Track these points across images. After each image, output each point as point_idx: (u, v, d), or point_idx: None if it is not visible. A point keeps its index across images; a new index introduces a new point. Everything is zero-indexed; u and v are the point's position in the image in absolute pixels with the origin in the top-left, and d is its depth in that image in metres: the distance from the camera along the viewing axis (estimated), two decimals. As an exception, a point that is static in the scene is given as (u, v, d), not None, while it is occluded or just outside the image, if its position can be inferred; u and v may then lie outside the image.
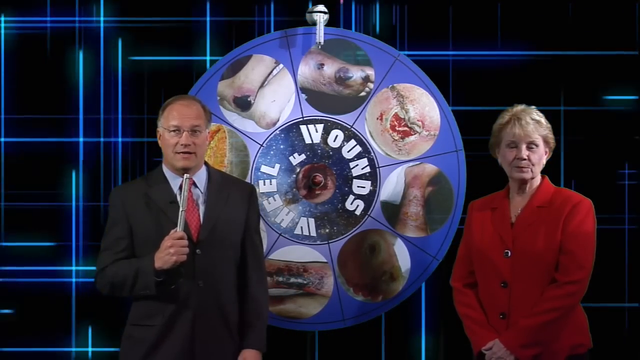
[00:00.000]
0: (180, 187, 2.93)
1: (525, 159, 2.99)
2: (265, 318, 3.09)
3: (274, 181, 3.54)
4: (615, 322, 3.81)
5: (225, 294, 2.98)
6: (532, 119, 3.01)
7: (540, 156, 3.02)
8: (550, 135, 3.05)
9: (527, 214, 3.01)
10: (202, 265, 2.92)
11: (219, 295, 2.96)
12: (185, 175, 2.90)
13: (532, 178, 3.03)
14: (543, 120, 3.04)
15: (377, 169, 3.55)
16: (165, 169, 3.02)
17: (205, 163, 3.06)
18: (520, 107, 3.07)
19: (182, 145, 2.93)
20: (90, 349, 3.79)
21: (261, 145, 3.54)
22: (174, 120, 2.95)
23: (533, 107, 3.08)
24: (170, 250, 2.82)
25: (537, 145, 3.01)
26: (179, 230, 2.84)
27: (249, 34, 3.70)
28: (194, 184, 2.98)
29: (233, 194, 3.03)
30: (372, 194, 3.55)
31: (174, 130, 2.95)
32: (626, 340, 3.82)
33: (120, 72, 3.83)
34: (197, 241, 2.92)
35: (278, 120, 3.55)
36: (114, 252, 2.94)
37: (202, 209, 2.97)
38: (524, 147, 3.00)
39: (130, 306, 2.98)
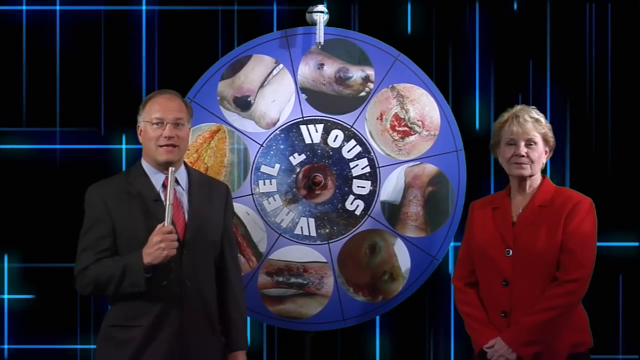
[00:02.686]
0: (164, 185, 2.92)
1: (523, 156, 3.01)
2: (246, 317, 3.13)
3: (274, 181, 3.54)
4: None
5: (209, 293, 2.97)
6: (531, 117, 3.04)
7: (540, 154, 3.04)
8: (550, 134, 3.06)
9: (528, 213, 3.02)
10: (189, 265, 2.90)
11: (204, 294, 2.95)
12: (170, 168, 2.87)
13: (531, 176, 3.05)
14: (542, 119, 3.06)
15: (377, 169, 3.55)
16: (145, 165, 2.97)
17: (184, 162, 3.03)
18: (519, 106, 3.10)
19: (165, 137, 2.90)
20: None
21: (261, 145, 3.54)
22: (157, 113, 2.92)
23: (533, 106, 3.10)
24: (161, 245, 2.79)
25: (535, 143, 3.03)
26: (167, 225, 2.82)
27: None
28: (177, 181, 2.95)
29: (214, 193, 3.03)
30: (372, 194, 3.55)
31: (156, 123, 2.91)
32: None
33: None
34: (183, 241, 2.90)
35: (278, 120, 3.55)
36: (95, 252, 2.87)
37: (186, 208, 2.95)
38: (522, 144, 3.02)
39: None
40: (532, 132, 3.03)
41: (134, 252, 2.83)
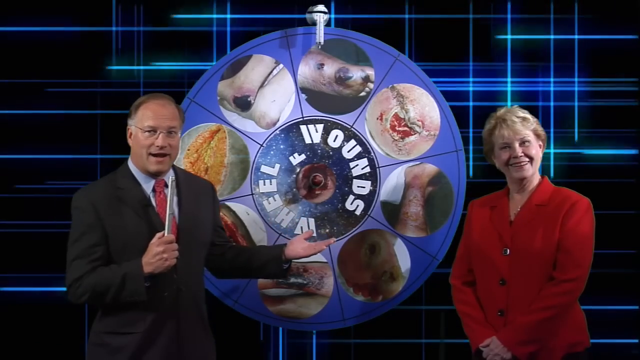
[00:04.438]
0: (154, 189, 2.88)
1: (521, 156, 3.01)
2: None
3: (274, 181, 3.54)
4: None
5: (201, 294, 2.97)
6: (518, 117, 3.04)
7: (536, 150, 3.05)
8: (540, 128, 3.07)
9: (526, 212, 3.02)
10: (182, 269, 2.87)
11: (197, 298, 2.94)
12: (172, 178, 2.85)
13: (533, 174, 3.04)
14: (528, 115, 3.07)
15: (377, 169, 3.55)
16: (133, 168, 2.90)
17: None
18: (503, 109, 3.10)
19: (157, 146, 2.84)
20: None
21: (261, 145, 3.54)
22: (150, 121, 2.85)
23: (515, 105, 3.10)
24: (164, 255, 2.76)
25: (529, 141, 3.03)
26: (167, 234, 2.78)
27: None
28: (165, 184, 2.91)
29: (200, 193, 3.01)
30: (372, 194, 3.55)
31: (148, 131, 2.85)
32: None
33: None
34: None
35: (278, 120, 3.55)
36: (88, 261, 2.79)
37: (176, 211, 2.90)
38: (517, 145, 3.02)
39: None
40: (523, 131, 3.03)
41: (133, 261, 2.78)
